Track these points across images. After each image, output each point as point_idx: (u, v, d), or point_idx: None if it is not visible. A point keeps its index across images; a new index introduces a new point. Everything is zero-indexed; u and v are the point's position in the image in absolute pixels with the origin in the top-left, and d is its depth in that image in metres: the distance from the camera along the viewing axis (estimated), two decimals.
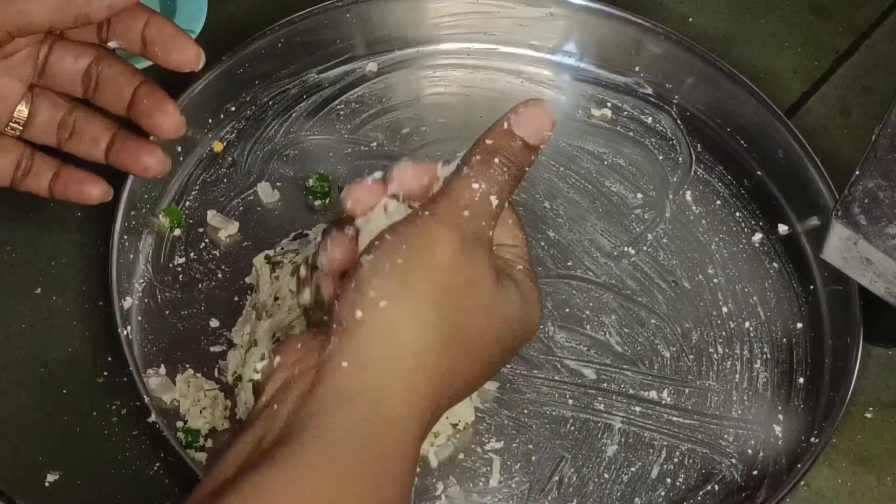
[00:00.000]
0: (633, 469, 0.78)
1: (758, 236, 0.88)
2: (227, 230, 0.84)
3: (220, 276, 0.83)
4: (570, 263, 0.86)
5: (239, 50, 0.87)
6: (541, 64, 0.94)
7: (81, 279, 0.82)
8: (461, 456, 0.78)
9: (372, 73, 0.92)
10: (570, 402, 0.80)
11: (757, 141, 0.89)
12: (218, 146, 0.88)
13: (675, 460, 0.79)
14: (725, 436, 0.80)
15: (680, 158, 0.91)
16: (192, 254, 0.84)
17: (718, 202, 0.89)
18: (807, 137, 0.87)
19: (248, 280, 0.82)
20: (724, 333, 0.84)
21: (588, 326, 0.83)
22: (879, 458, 0.80)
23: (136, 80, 0.72)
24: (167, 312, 0.81)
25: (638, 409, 0.80)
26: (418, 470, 0.76)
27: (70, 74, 0.72)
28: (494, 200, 0.61)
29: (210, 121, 0.88)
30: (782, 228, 0.87)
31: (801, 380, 0.82)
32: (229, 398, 0.78)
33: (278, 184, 0.87)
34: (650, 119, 0.92)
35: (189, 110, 0.81)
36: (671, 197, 0.89)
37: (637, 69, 0.93)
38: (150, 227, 0.84)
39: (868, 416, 0.82)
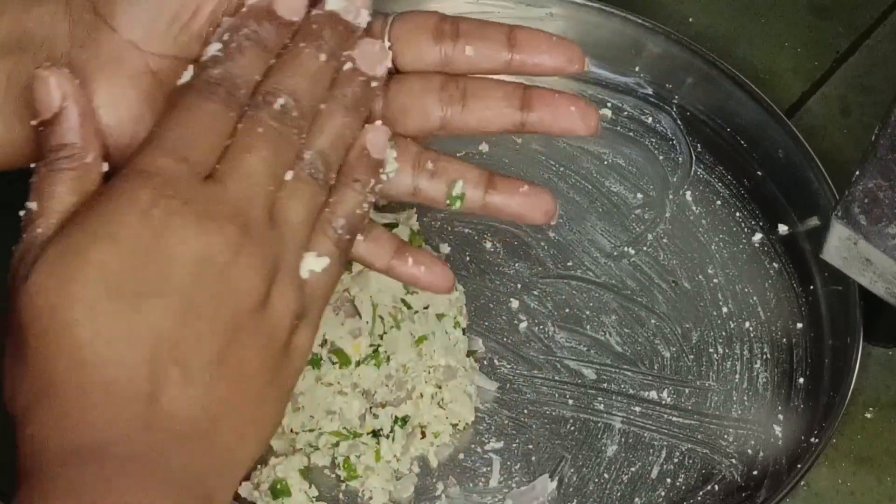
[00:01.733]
0: (633, 469, 0.78)
1: (758, 236, 0.88)
2: None
3: None
4: (570, 263, 0.86)
5: None
6: None
7: None
8: (461, 456, 0.78)
9: None
10: (570, 402, 0.80)
11: (757, 141, 0.89)
12: None
13: (675, 460, 0.79)
14: (725, 436, 0.80)
15: (680, 158, 0.91)
16: None
17: (718, 202, 0.89)
18: (807, 137, 0.87)
19: None
20: (724, 333, 0.84)
21: (588, 326, 0.83)
22: (879, 459, 0.80)
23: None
24: None
25: (638, 409, 0.80)
26: (418, 470, 0.77)
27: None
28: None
29: None
30: (782, 228, 0.87)
31: (801, 380, 0.82)
32: None
33: None
34: (650, 119, 0.92)
35: None
36: (671, 197, 0.89)
37: (637, 69, 0.93)
38: None
39: (868, 416, 0.82)
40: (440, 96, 0.63)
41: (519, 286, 0.84)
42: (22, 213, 0.55)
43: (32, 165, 0.57)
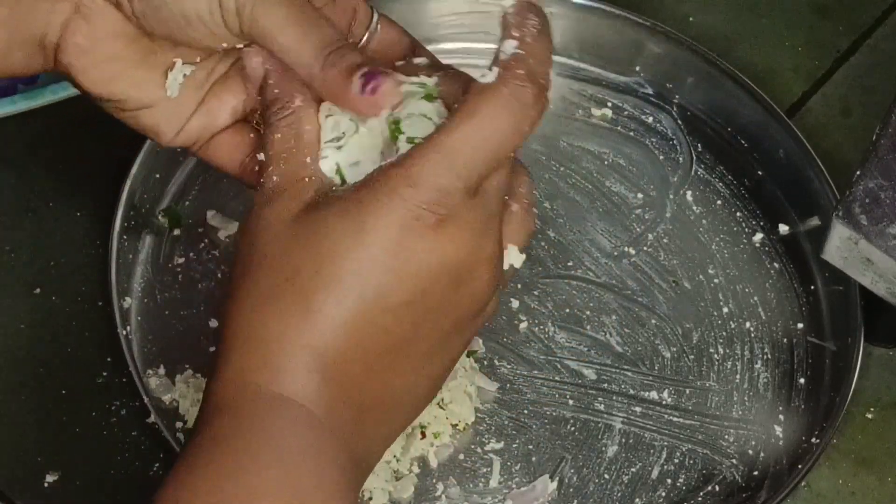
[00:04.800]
0: (633, 470, 0.78)
1: (758, 236, 0.88)
2: (227, 230, 0.84)
3: (219, 276, 0.83)
4: (570, 263, 0.86)
5: None
6: None
7: (81, 279, 0.82)
8: (461, 456, 0.78)
9: None
10: (571, 402, 0.80)
11: (758, 141, 0.89)
12: None
13: (676, 461, 0.79)
14: (726, 436, 0.80)
15: (680, 158, 0.91)
16: (191, 254, 0.84)
17: (719, 202, 0.89)
18: (807, 137, 0.87)
19: None
20: (724, 334, 0.84)
21: (588, 327, 0.83)
22: (880, 459, 0.80)
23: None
24: (167, 312, 0.81)
25: (638, 409, 0.80)
26: (418, 470, 0.76)
27: None
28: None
29: None
30: (783, 228, 0.87)
31: (802, 380, 0.82)
32: None
33: None
34: (651, 119, 0.92)
35: None
36: (672, 197, 0.89)
37: (637, 69, 0.92)
38: (150, 227, 0.84)
39: (869, 416, 0.82)
40: None
41: (519, 286, 0.84)
42: (260, 156, 0.57)
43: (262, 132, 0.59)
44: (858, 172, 0.75)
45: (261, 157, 0.58)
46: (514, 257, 0.58)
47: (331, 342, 0.53)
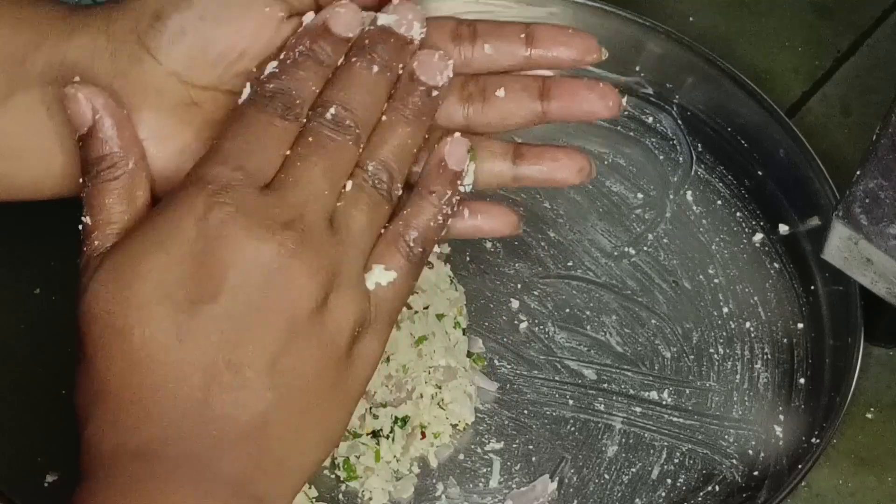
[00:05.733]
0: (633, 470, 0.78)
1: (758, 236, 0.88)
2: None
3: None
4: (570, 263, 0.86)
5: None
6: None
7: None
8: (461, 456, 0.78)
9: None
10: (571, 402, 0.80)
11: (758, 141, 0.89)
12: None
13: (676, 461, 0.79)
14: (726, 436, 0.80)
15: (680, 158, 0.91)
16: None
17: (719, 202, 0.89)
18: (807, 137, 0.87)
19: None
20: (724, 334, 0.84)
21: (588, 327, 0.83)
22: (880, 459, 0.80)
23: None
24: None
25: (638, 409, 0.80)
26: (418, 470, 0.76)
27: None
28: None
29: None
30: (783, 228, 0.87)
31: (802, 380, 0.82)
32: None
33: None
34: (651, 119, 0.92)
35: None
36: (672, 197, 0.89)
37: (637, 69, 0.92)
38: None
39: (869, 416, 0.82)
40: (460, 95, 0.63)
41: (519, 286, 0.84)
42: (80, 227, 0.57)
43: (81, 180, 0.57)
44: (858, 172, 0.75)
45: (86, 220, 0.57)
46: (379, 275, 0.58)
47: (160, 373, 0.53)
